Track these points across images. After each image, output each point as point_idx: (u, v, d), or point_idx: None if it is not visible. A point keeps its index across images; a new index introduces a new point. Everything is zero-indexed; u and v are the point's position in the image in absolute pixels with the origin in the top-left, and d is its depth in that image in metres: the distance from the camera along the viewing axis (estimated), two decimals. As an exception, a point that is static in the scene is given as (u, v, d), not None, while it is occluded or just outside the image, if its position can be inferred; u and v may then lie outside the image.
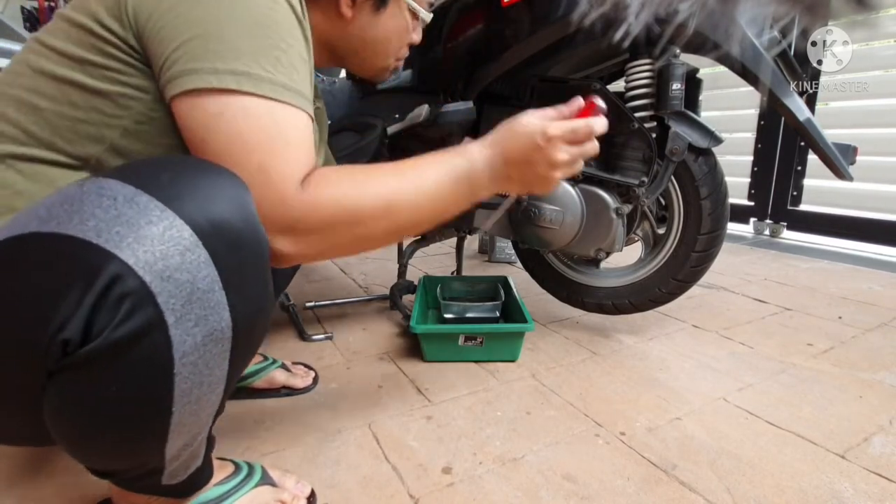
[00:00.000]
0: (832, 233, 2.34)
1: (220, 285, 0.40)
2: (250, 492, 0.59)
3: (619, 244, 1.04)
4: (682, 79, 0.95)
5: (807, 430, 0.81)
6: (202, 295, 0.40)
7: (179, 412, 0.42)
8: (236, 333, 0.43)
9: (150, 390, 0.40)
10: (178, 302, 0.38)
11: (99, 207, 0.38)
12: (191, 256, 0.39)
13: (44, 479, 0.68)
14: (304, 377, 0.93)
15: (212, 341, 0.41)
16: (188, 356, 0.40)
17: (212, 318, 0.41)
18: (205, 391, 0.43)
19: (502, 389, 0.94)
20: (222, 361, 0.43)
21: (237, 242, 0.42)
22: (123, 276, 0.36)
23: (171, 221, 0.38)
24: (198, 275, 0.39)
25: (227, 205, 0.42)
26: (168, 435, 0.43)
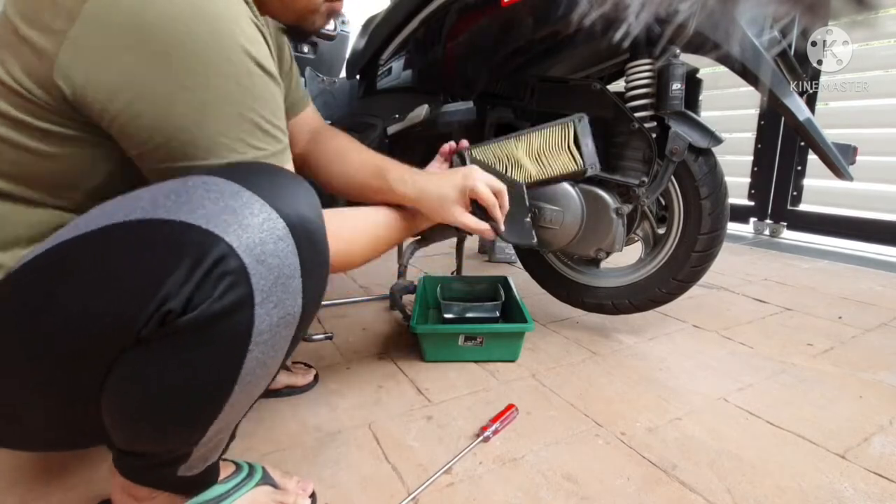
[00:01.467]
0: (832, 233, 2.34)
1: (299, 273, 0.46)
2: (250, 491, 0.60)
3: (619, 244, 1.04)
4: (682, 79, 0.94)
5: (807, 430, 0.81)
6: (286, 280, 0.45)
7: (238, 391, 0.46)
8: (302, 319, 0.48)
9: (224, 363, 0.44)
10: (266, 283, 0.43)
11: (208, 199, 0.42)
12: (282, 245, 0.44)
13: (44, 478, 0.68)
14: (305, 375, 0.93)
15: (284, 324, 0.46)
16: (262, 335, 0.44)
17: (289, 302, 0.46)
18: (264, 373, 0.47)
19: (502, 389, 0.94)
20: (285, 344, 0.48)
21: (314, 238, 0.48)
22: (227, 257, 0.41)
23: (269, 214, 0.44)
24: (285, 262, 0.44)
25: (308, 206, 0.48)
26: (221, 411, 0.47)
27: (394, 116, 1.13)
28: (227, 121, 0.46)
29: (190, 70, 0.43)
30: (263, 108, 0.48)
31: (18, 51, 0.42)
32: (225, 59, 0.44)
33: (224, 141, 0.46)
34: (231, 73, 0.45)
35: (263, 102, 0.48)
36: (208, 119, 0.45)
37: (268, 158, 0.49)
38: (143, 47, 0.42)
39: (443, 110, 1.06)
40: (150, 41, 0.42)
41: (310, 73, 1.37)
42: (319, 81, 1.38)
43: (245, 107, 0.47)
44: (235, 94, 0.46)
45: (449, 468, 0.70)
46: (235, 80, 0.45)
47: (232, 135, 0.46)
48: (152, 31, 0.41)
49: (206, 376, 0.44)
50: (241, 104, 0.46)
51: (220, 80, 0.44)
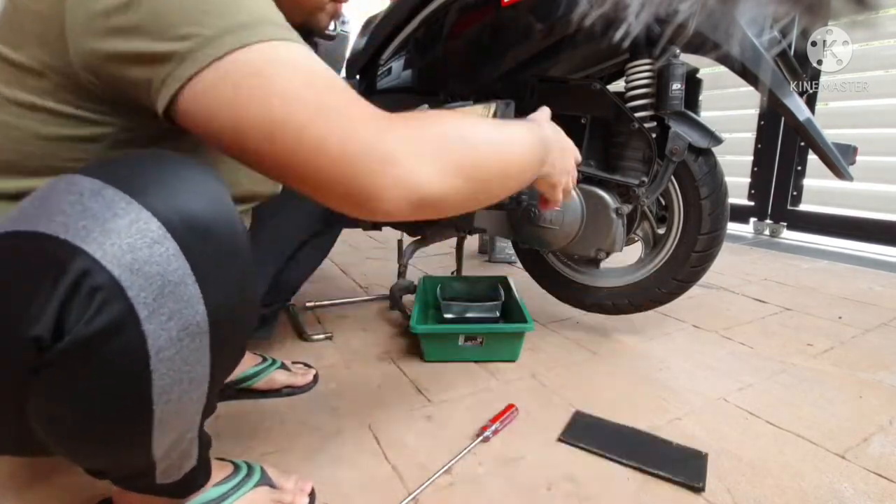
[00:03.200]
0: (832, 233, 2.34)
1: (192, 278, 0.39)
2: (249, 492, 0.59)
3: (619, 244, 1.04)
4: (682, 79, 0.94)
5: (807, 430, 0.81)
6: (174, 288, 0.39)
7: (161, 410, 0.41)
8: (215, 327, 0.42)
9: (127, 387, 0.39)
10: (149, 295, 0.37)
11: (65, 202, 0.37)
12: (159, 249, 0.38)
13: (44, 478, 0.68)
14: (305, 375, 0.93)
15: (188, 336, 0.40)
16: (164, 351, 0.39)
17: (186, 312, 0.40)
18: (186, 388, 0.42)
19: (502, 389, 0.94)
20: (202, 357, 0.42)
21: (209, 234, 0.41)
22: (92, 271, 0.36)
23: (138, 214, 0.38)
24: (168, 267, 0.38)
25: (196, 197, 0.40)
26: (152, 433, 0.43)
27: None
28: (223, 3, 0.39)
29: None
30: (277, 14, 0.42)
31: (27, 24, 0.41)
32: None
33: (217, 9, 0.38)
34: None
35: None
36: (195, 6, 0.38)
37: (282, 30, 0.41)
38: None
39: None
40: None
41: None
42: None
43: None
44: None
45: (449, 468, 0.70)
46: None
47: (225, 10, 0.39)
48: None
49: (114, 401, 0.40)
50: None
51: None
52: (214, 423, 0.81)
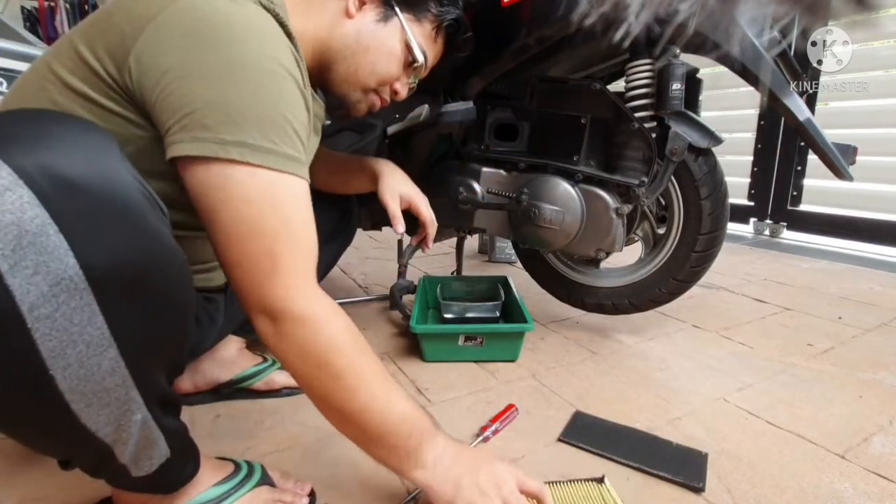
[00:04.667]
0: (832, 233, 2.34)
1: (54, 228, 0.37)
2: (249, 492, 0.59)
3: (619, 244, 1.04)
4: (682, 79, 0.94)
5: (807, 430, 0.81)
6: (34, 238, 0.37)
7: (62, 375, 0.40)
8: (98, 284, 0.40)
9: (9, 350, 0.38)
10: (6, 247, 0.36)
11: None
12: (11, 196, 0.36)
13: (44, 478, 0.68)
14: (304, 376, 0.93)
15: (63, 291, 0.38)
16: (38, 309, 0.37)
17: (53, 266, 0.37)
18: (83, 351, 0.40)
19: (502, 389, 0.94)
20: (91, 316, 0.40)
21: (77, 185, 0.39)
22: None
23: None
24: (23, 216, 0.36)
25: (66, 150, 0.39)
26: (69, 404, 0.41)
27: (394, 116, 1.13)
28: (250, 107, 0.48)
29: (232, 61, 0.48)
30: (291, 115, 0.52)
31: (108, 34, 0.49)
32: (265, 66, 0.50)
33: (240, 122, 0.48)
34: (268, 76, 0.50)
35: (293, 112, 0.52)
36: (234, 101, 0.48)
37: (280, 160, 0.50)
38: (198, 39, 0.48)
39: (443, 110, 1.06)
40: (204, 36, 0.48)
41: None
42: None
43: (273, 105, 0.50)
44: (267, 92, 0.50)
45: (449, 468, 0.70)
46: (271, 83, 0.50)
47: (250, 119, 0.48)
48: (208, 30, 0.48)
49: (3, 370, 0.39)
50: (270, 101, 0.50)
51: (257, 77, 0.49)
52: (214, 423, 0.81)
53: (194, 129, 0.47)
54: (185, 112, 0.47)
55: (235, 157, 0.48)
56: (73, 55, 0.50)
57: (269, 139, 0.49)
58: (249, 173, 0.49)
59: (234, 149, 0.48)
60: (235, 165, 0.48)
